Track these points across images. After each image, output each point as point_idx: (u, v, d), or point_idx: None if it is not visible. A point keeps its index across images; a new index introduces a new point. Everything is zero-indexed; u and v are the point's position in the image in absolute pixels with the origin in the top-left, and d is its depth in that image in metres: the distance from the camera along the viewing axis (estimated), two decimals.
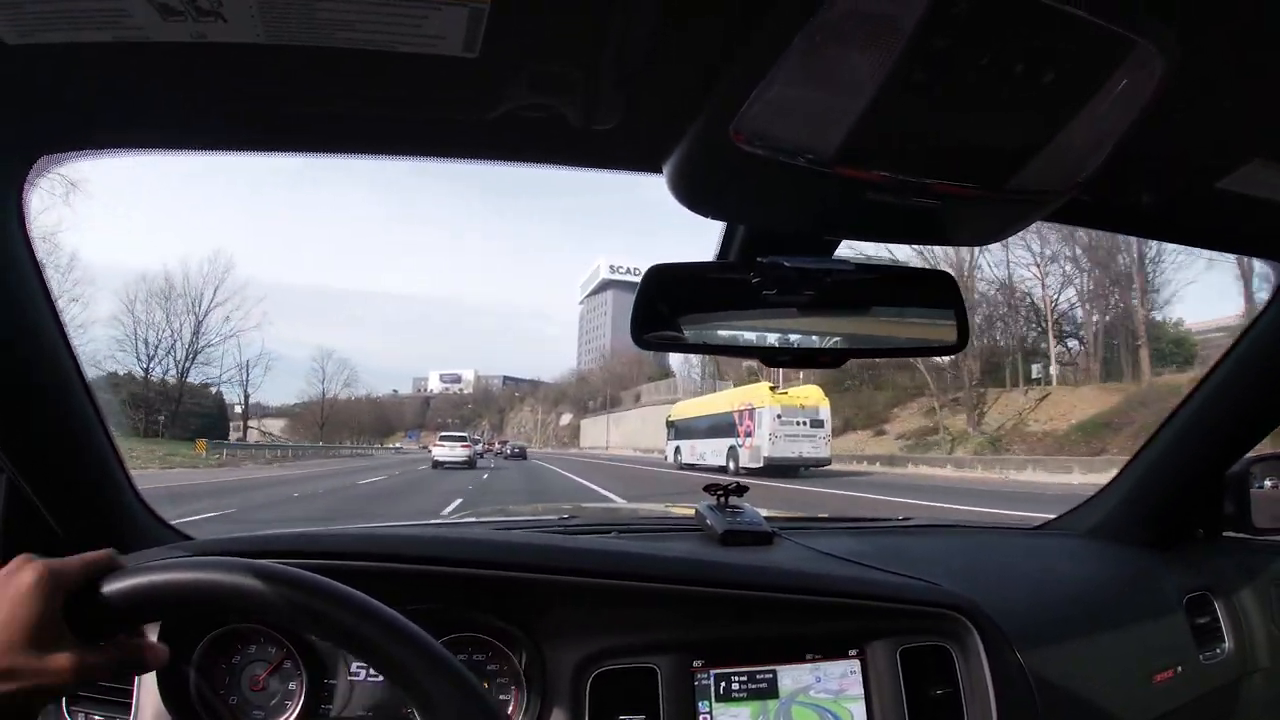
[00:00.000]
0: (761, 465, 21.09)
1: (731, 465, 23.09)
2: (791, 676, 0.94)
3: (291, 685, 0.89)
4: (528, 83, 0.63)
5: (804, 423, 22.41)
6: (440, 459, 26.03)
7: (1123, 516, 1.37)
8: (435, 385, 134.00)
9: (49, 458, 0.86)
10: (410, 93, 0.67)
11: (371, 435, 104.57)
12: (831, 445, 23.88)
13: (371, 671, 0.88)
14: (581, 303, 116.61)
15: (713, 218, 0.73)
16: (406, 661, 0.54)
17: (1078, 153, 0.56)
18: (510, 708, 0.90)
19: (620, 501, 7.83)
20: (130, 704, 0.81)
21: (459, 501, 11.55)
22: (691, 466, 26.50)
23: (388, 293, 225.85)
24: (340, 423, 76.62)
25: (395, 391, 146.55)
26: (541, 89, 0.64)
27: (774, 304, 0.80)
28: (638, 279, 0.82)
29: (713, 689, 0.92)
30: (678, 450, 28.94)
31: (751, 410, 22.90)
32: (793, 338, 0.84)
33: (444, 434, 31.64)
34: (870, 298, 0.86)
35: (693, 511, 1.35)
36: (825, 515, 1.83)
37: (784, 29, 0.48)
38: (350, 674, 0.90)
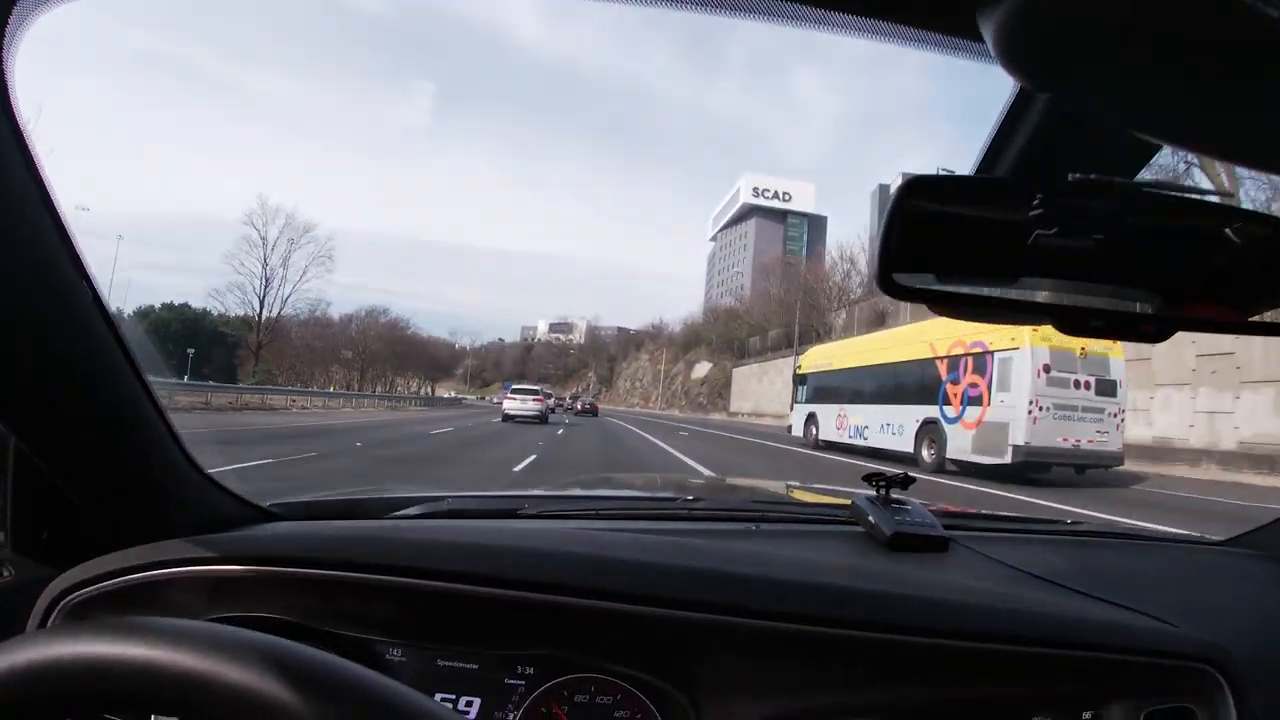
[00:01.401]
0: (1007, 460, 11.60)
1: (927, 454, 13.71)
2: None
3: None
4: None
5: (1086, 384, 11.98)
6: (511, 412, 24.99)
7: None
8: (544, 334, 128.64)
9: (60, 419, 0.69)
10: None
11: (459, 384, 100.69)
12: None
13: (462, 709, 0.74)
14: (714, 238, 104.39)
15: (1033, 81, 0.45)
16: None
17: None
18: None
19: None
20: None
21: (532, 458, 11.42)
22: (839, 448, 17.35)
23: (509, 250, 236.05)
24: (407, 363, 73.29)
25: (501, 340, 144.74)
26: None
27: (1080, 246, 0.54)
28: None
29: None
30: (812, 421, 19.22)
31: (983, 356, 12.54)
32: (1103, 298, 0.58)
33: (515, 386, 29.94)
34: (1222, 248, 0.56)
35: (846, 501, 1.18)
36: (985, 512, 1.48)
37: None
38: None
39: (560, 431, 20.35)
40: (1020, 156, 0.58)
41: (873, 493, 1.12)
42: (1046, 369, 11.51)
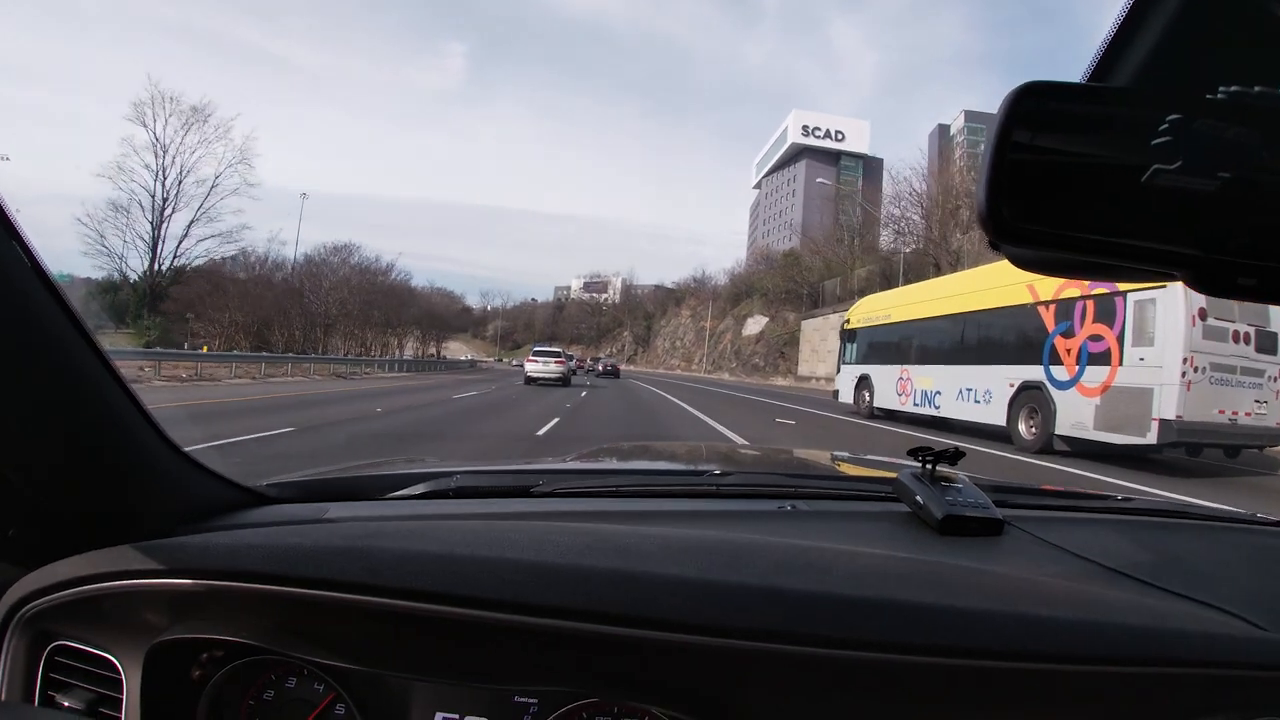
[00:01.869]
0: (1151, 440, 8.67)
1: (1026, 430, 10.81)
2: None
3: None
4: None
5: (1245, 336, 9.08)
6: (533, 374, 25.16)
7: None
8: (578, 292, 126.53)
9: (6, 401, 0.62)
10: None
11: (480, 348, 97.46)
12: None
13: None
14: (758, 185, 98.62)
15: None
16: None
17: None
18: None
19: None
20: None
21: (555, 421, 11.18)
22: (901, 418, 14.88)
23: (542, 212, 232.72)
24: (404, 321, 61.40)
25: (533, 300, 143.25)
26: None
27: (1211, 177, 0.41)
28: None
29: None
30: (865, 385, 16.39)
31: (1110, 299, 9.50)
32: (1250, 247, 0.43)
33: (537, 348, 29.56)
34: None
35: (888, 473, 1.16)
36: (1023, 486, 1.37)
37: None
38: None
39: (579, 398, 18.44)
40: (1143, 64, 0.45)
41: (918, 466, 1.04)
42: (1203, 315, 8.56)
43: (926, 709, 0.64)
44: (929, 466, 1.03)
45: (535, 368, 25.41)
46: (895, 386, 14.73)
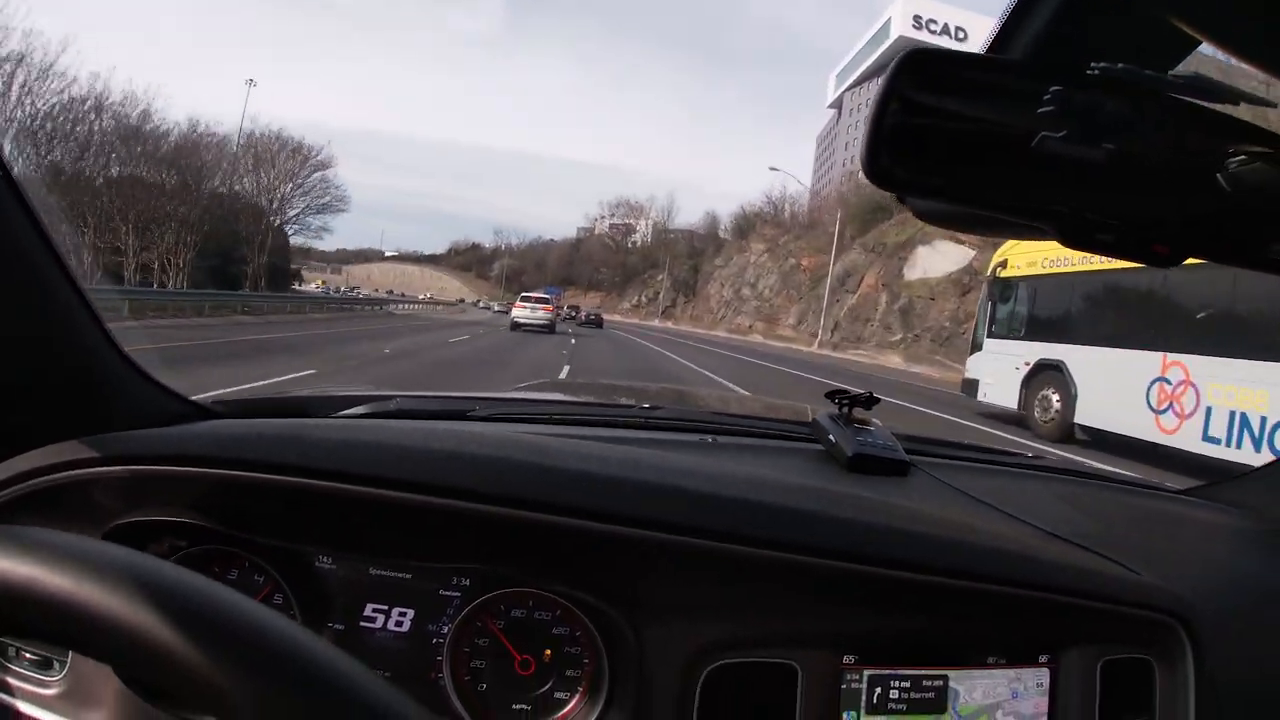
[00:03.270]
0: None
1: None
2: (965, 686, 0.73)
3: None
4: None
5: None
6: (519, 320, 26.72)
7: None
8: (601, 232, 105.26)
9: None
10: None
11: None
12: None
13: (395, 621, 0.72)
14: (835, 103, 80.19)
15: None
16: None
17: None
18: (579, 689, 0.71)
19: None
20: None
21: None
22: (1141, 449, 7.95)
23: (576, 159, 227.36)
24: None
25: (551, 240, 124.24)
26: None
27: (1096, 149, 0.46)
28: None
29: (864, 696, 0.72)
30: (1050, 378, 9.49)
31: None
32: (1113, 206, 0.50)
33: (525, 294, 31.61)
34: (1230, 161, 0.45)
35: (805, 415, 1.26)
36: (943, 439, 1.42)
37: None
38: (363, 619, 0.72)
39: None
40: (1036, 39, 0.50)
41: (835, 410, 1.11)
42: None
43: (815, 608, 0.71)
44: (845, 409, 1.09)
45: (523, 314, 26.87)
46: (1144, 392, 7.85)
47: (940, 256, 31.20)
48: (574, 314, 47.57)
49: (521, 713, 0.70)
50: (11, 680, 0.67)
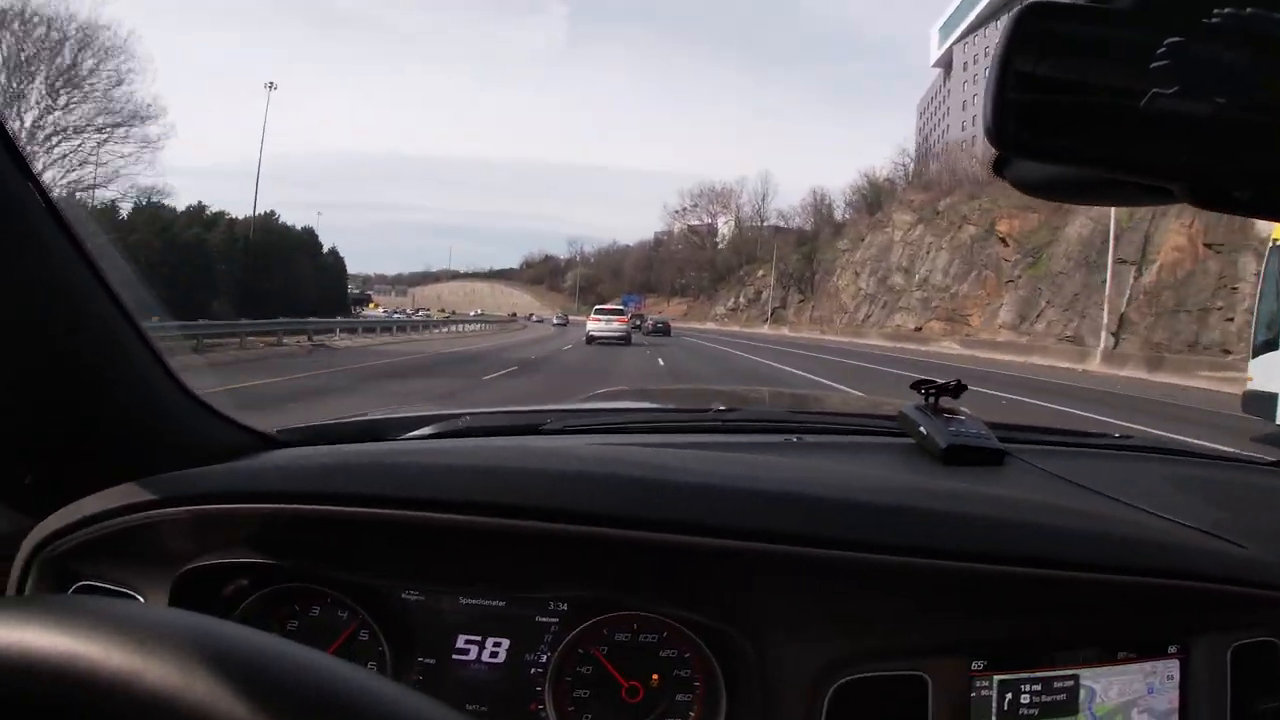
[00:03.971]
0: None
1: None
2: (1101, 685, 0.70)
3: (370, 665, 0.69)
4: None
5: None
6: (594, 333, 26.12)
7: None
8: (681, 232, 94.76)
9: (17, 343, 0.63)
10: None
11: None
12: None
13: (490, 652, 0.69)
14: (940, 61, 70.37)
15: None
16: None
17: None
18: (691, 715, 0.68)
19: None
20: None
21: None
22: None
23: (647, 170, 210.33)
24: None
25: (625, 246, 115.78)
26: None
27: (1211, 101, 0.44)
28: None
29: (995, 703, 0.68)
30: None
31: None
32: (1247, 162, 0.46)
33: (599, 307, 30.94)
34: None
35: (893, 411, 1.17)
36: (1033, 425, 1.43)
37: None
38: (456, 652, 0.69)
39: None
40: None
41: (921, 401, 1.08)
42: None
43: (940, 614, 0.68)
44: (933, 399, 1.07)
45: (598, 326, 26.24)
46: None
47: None
48: (639, 323, 44.40)
49: None
50: None
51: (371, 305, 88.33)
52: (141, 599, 0.68)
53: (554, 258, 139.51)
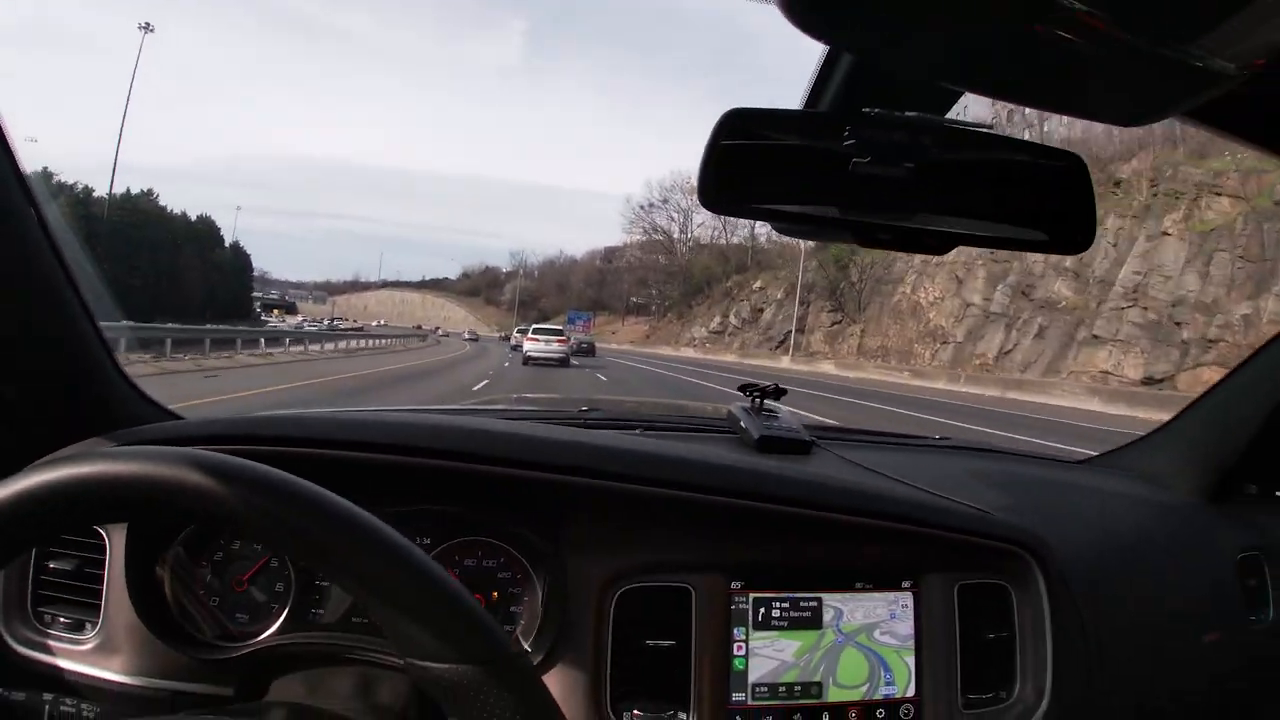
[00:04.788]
0: None
1: None
2: (837, 606, 0.89)
3: (279, 586, 0.86)
4: None
5: None
6: (532, 354, 24.85)
7: (1178, 461, 1.30)
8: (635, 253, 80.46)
9: None
10: None
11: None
12: None
13: None
14: None
15: (822, 38, 0.52)
16: (388, 580, 0.49)
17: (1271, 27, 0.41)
18: (521, 622, 0.87)
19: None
20: (99, 605, 0.82)
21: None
22: None
23: (602, 191, 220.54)
24: None
25: (572, 258, 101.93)
26: None
27: (871, 170, 0.65)
28: None
29: (750, 615, 0.87)
30: None
31: None
32: (892, 214, 0.69)
33: (537, 326, 31.55)
34: (987, 174, 0.70)
35: (723, 413, 1.37)
36: (860, 428, 1.73)
37: None
38: None
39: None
40: (838, 95, 0.69)
41: (748, 403, 1.28)
42: None
43: (705, 541, 0.86)
44: (756, 401, 1.28)
45: (536, 347, 24.97)
46: None
47: None
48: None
49: None
50: (51, 642, 0.81)
51: (277, 313, 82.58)
52: (103, 531, 0.81)
53: (495, 268, 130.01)
